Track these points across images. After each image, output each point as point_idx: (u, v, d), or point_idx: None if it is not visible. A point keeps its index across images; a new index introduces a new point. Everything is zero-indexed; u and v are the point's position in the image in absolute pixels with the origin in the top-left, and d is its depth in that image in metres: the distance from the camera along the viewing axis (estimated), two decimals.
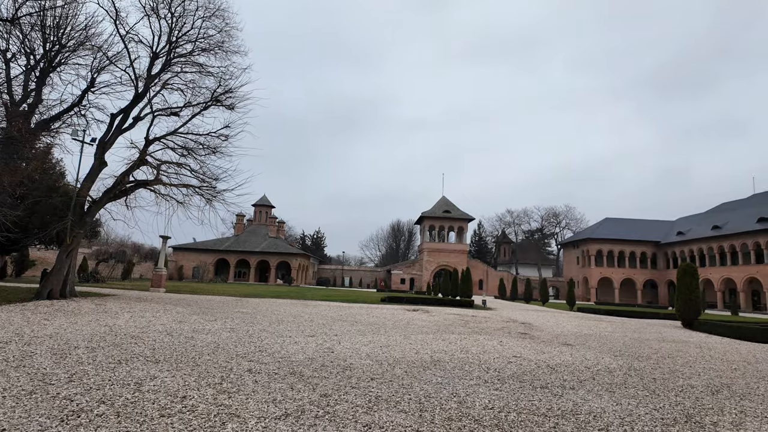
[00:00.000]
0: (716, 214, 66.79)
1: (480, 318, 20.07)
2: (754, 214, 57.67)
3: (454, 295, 38.09)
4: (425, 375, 7.02)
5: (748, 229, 56.16)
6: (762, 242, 54.59)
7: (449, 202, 77.85)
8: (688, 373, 8.57)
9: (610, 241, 72.03)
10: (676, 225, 73.87)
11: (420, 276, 74.35)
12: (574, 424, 4.89)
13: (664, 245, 71.11)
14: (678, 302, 21.37)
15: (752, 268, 55.86)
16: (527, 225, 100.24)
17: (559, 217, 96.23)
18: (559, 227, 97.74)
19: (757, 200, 62.80)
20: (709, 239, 62.19)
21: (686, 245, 66.35)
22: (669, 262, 70.06)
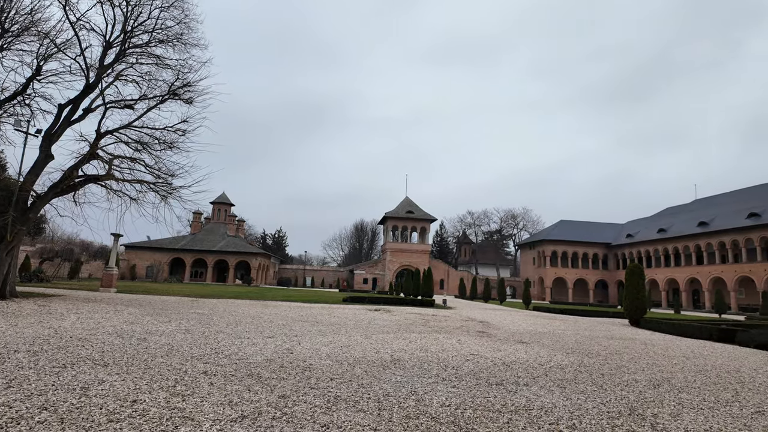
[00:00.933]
0: (662, 218, 70.76)
1: (440, 317, 20.38)
2: (695, 219, 61.51)
3: (415, 295, 38.49)
4: (385, 374, 7.07)
5: (690, 232, 59.86)
6: (702, 245, 58.29)
7: (412, 202, 78.59)
8: (633, 369, 9.05)
9: (564, 242, 74.89)
10: (625, 228, 77.71)
11: (383, 276, 74.63)
12: (526, 419, 5.07)
13: (614, 247, 74.63)
14: (626, 302, 22.51)
15: (693, 269, 59.53)
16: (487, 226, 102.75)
17: (517, 218, 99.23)
18: (516, 229, 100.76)
19: (697, 205, 67.01)
20: (655, 242, 65.82)
21: (634, 247, 69.91)
22: (619, 263, 73.57)
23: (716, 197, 65.89)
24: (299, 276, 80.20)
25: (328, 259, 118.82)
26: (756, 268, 51.27)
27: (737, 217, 54.84)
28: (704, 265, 58.01)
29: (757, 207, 53.52)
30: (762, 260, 51.10)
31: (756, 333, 14.95)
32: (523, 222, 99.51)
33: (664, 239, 64.04)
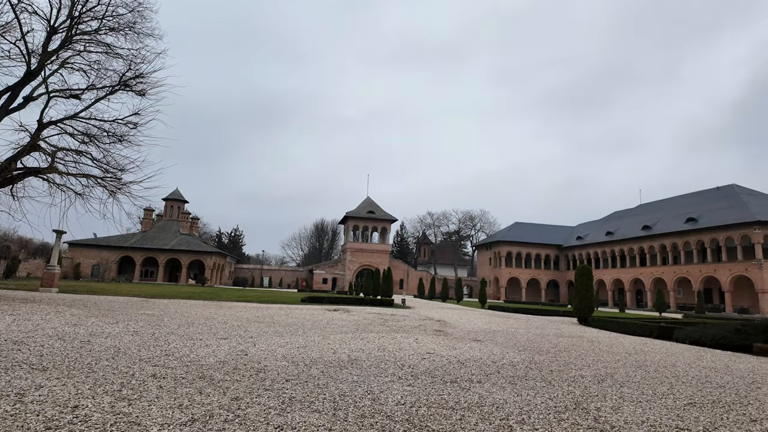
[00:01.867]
0: (609, 222, 74.45)
1: (399, 316, 20.55)
2: (639, 223, 65.13)
3: (375, 295, 38.60)
4: (342, 374, 7.07)
5: (634, 235, 63.32)
6: (645, 247, 61.78)
7: (374, 202, 78.77)
8: (579, 365, 9.49)
9: (518, 243, 77.37)
10: (576, 230, 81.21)
11: (343, 276, 74.34)
12: (478, 415, 5.22)
13: (565, 248, 77.81)
14: (575, 301, 23.53)
15: (637, 270, 62.99)
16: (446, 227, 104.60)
17: (475, 220, 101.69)
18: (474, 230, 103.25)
19: (642, 210, 70.99)
20: (603, 244, 69.17)
21: (584, 249, 73.17)
22: (569, 264, 76.76)
23: (658, 202, 70.05)
24: (256, 276, 78.53)
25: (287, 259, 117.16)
26: (692, 269, 54.90)
27: (677, 221, 58.53)
28: (647, 266, 61.53)
29: (694, 212, 57.32)
30: (698, 262, 54.76)
31: (691, 330, 16.02)
32: (480, 223, 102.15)
33: (611, 241, 67.42)
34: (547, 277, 77.93)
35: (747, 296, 49.55)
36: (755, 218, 47.72)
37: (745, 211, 50.36)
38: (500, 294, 74.57)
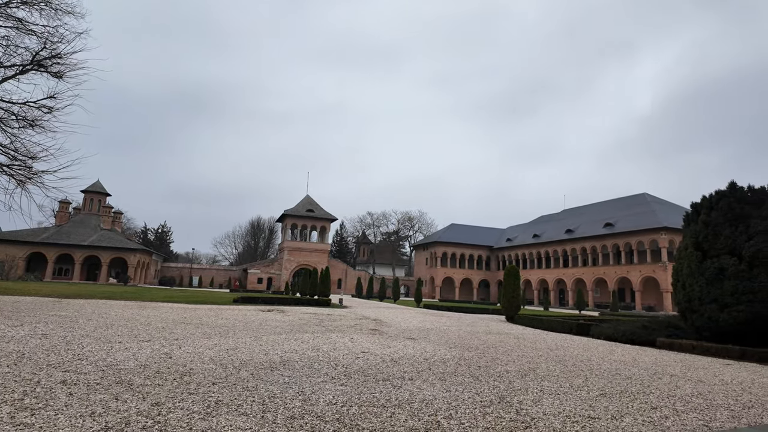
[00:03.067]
0: (537, 225, 78.92)
1: (335, 316, 20.45)
2: (563, 226, 69.62)
3: (312, 295, 38.13)
4: (272, 376, 6.91)
5: (558, 238, 67.63)
6: (568, 249, 66.17)
7: (313, 201, 77.77)
8: (505, 360, 9.97)
9: (454, 244, 79.91)
10: (506, 232, 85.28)
11: (279, 275, 72.68)
12: (408, 411, 5.32)
13: (496, 249, 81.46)
14: (503, 299, 24.70)
15: (560, 271, 67.29)
16: (385, 227, 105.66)
17: (414, 221, 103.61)
18: (413, 230, 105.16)
19: (566, 215, 75.95)
20: (531, 246, 73.22)
21: (513, 250, 77.02)
22: (499, 264, 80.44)
23: (580, 208, 75.34)
24: (185, 275, 74.71)
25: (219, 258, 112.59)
26: (608, 270, 59.62)
27: (596, 226, 63.27)
28: (569, 267, 65.96)
29: (611, 218, 62.27)
30: (613, 264, 59.55)
31: (605, 327, 17.38)
32: (419, 224, 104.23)
33: (538, 244, 71.55)
34: (479, 277, 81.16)
35: (654, 295, 54.67)
36: (662, 224, 52.79)
37: (653, 218, 55.53)
38: (435, 293, 76.55)
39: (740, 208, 13.92)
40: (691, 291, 14.42)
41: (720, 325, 13.56)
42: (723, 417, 6.00)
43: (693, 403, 6.71)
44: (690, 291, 14.50)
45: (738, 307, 13.01)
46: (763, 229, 13.08)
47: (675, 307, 16.51)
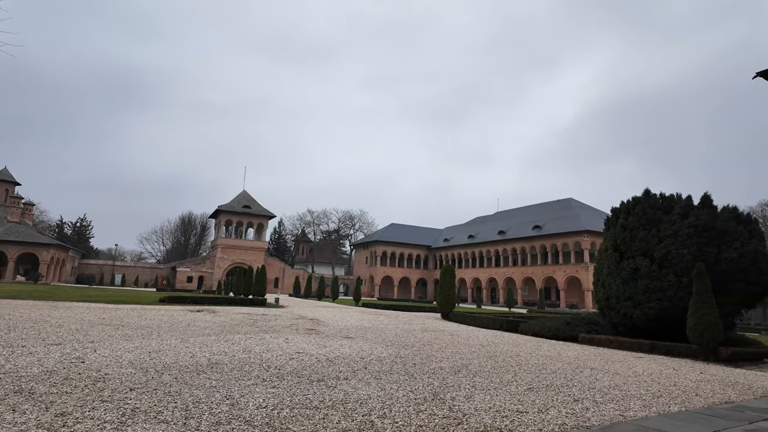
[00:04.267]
0: (472, 226, 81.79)
1: (270, 316, 19.86)
2: (496, 228, 72.68)
3: (246, 294, 36.84)
4: (198, 380, 6.51)
5: (492, 239, 70.53)
6: (500, 250, 69.17)
7: (250, 197, 75.22)
8: (439, 357, 10.14)
9: (393, 243, 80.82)
10: (443, 233, 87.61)
11: (211, 274, 69.58)
12: (342, 412, 5.20)
13: (434, 249, 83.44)
14: (439, 298, 25.28)
15: (493, 270, 70.21)
16: (326, 225, 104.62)
17: (355, 220, 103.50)
18: (353, 229, 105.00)
19: (499, 217, 79.35)
20: (466, 246, 75.74)
21: (450, 250, 79.28)
22: (437, 264, 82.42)
23: (511, 211, 79.07)
24: (106, 273, 69.46)
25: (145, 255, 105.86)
26: (536, 270, 63.03)
27: (526, 228, 66.67)
28: (501, 266, 68.99)
29: (539, 221, 65.89)
30: (541, 264, 63.04)
31: (533, 323, 18.29)
32: (359, 223, 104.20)
33: (473, 244, 74.16)
34: (417, 276, 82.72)
35: (577, 294, 58.58)
36: (585, 228, 56.71)
37: (578, 222, 59.51)
38: (375, 292, 76.96)
39: (653, 213, 15.20)
40: (610, 290, 15.54)
41: (634, 321, 14.72)
42: (636, 407, 6.47)
43: (610, 395, 7.17)
44: (608, 290, 15.61)
45: (649, 305, 14.19)
46: (672, 233, 14.36)
47: (595, 305, 17.71)
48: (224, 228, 71.83)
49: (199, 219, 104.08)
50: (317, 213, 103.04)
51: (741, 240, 14.06)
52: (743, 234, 14.26)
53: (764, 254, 14.56)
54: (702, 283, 12.32)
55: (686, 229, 14.10)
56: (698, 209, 14.64)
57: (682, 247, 13.94)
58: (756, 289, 14.15)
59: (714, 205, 15.00)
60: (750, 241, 14.21)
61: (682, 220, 14.40)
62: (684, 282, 13.49)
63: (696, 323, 12.20)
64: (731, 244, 13.91)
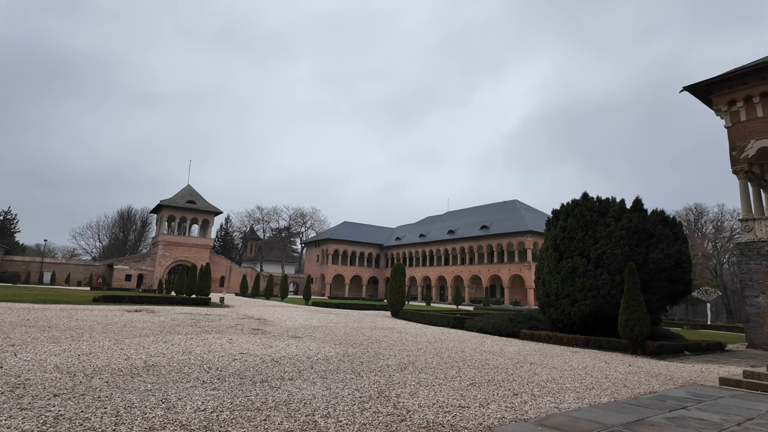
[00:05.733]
0: (423, 225, 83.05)
1: (214, 316, 19.19)
2: (446, 227, 74.24)
3: (189, 293, 35.35)
4: (132, 383, 6.16)
5: (441, 238, 71.97)
6: (449, 249, 70.72)
7: (195, 192, 72.22)
8: (387, 355, 10.20)
9: (346, 242, 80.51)
10: (395, 231, 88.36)
11: (151, 272, 66.18)
12: (284, 413, 5.10)
13: (386, 248, 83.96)
14: (389, 296, 25.47)
15: (442, 269, 71.65)
16: (276, 223, 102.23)
17: (306, 217, 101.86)
18: (305, 227, 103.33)
19: (448, 217, 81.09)
20: (417, 245, 76.80)
21: (401, 248, 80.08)
22: (388, 262, 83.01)
23: (461, 211, 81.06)
24: (34, 270, 64.32)
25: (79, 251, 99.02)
26: (483, 268, 65.00)
27: (474, 228, 68.59)
28: (450, 265, 70.55)
29: (486, 221, 67.99)
30: (487, 263, 65.08)
31: (478, 320, 18.84)
32: (311, 221, 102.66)
33: (423, 243, 75.31)
34: (369, 274, 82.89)
35: (520, 291, 60.98)
36: (528, 228, 59.14)
37: (521, 223, 61.95)
38: (325, 290, 76.28)
39: (590, 215, 16.09)
40: (549, 287, 16.30)
41: (571, 317, 15.52)
42: (570, 399, 6.81)
43: (547, 388, 7.51)
44: (548, 287, 16.36)
45: (585, 302, 15.01)
46: (606, 235, 15.26)
47: (537, 302, 18.50)
48: (167, 224, 68.55)
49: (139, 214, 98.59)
50: (267, 210, 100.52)
51: (667, 242, 15.19)
52: (669, 236, 15.42)
53: (687, 255, 15.84)
54: (632, 282, 13.19)
55: (619, 231, 15.04)
56: (630, 212, 15.65)
57: (616, 248, 14.85)
58: (679, 287, 15.35)
59: (644, 209, 16.10)
60: (675, 243, 15.40)
61: (616, 223, 15.34)
62: (617, 280, 14.38)
63: (627, 319, 13.04)
64: (658, 245, 14.99)
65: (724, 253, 68.49)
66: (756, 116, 18.22)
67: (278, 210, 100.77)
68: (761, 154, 18.22)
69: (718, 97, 19.20)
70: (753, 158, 18.24)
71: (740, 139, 18.54)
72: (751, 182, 19.04)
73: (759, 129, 18.10)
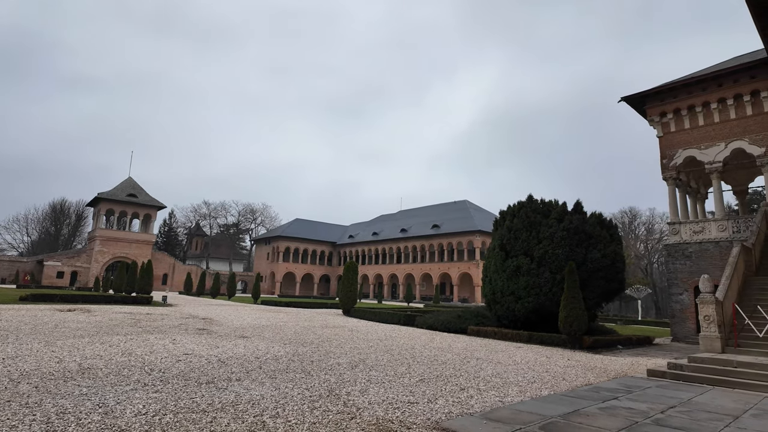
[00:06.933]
0: (376, 223, 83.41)
1: (156, 316, 18.35)
2: (399, 226, 75.01)
3: (129, 292, 33.55)
4: (66, 387, 5.79)
5: (394, 236, 72.66)
6: (401, 247, 71.53)
7: (137, 185, 68.54)
8: (338, 353, 10.20)
9: (298, 239, 79.37)
10: (348, 229, 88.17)
11: (87, 269, 62.19)
12: (232, 414, 4.99)
13: (339, 245, 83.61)
14: (341, 294, 25.41)
15: (394, 267, 72.34)
16: (224, 219, 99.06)
17: (256, 213, 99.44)
18: (255, 224, 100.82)
19: (401, 215, 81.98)
20: (370, 243, 77.06)
21: (355, 246, 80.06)
22: (341, 260, 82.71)
23: (414, 210, 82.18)
24: None
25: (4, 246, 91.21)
26: (433, 266, 66.28)
27: (425, 227, 69.77)
28: (402, 263, 71.37)
29: (437, 220, 69.37)
30: (438, 261, 66.42)
31: (428, 317, 19.20)
32: (261, 217, 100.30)
33: (376, 241, 75.68)
34: (321, 272, 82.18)
35: (468, 289, 62.74)
36: (477, 228, 60.98)
37: (471, 222, 63.77)
38: (276, 289, 74.83)
39: (534, 216, 16.82)
40: (496, 285, 16.90)
41: (515, 314, 16.18)
42: (513, 392, 7.12)
43: (492, 383, 7.81)
44: (495, 285, 16.96)
45: (528, 299, 15.70)
46: (549, 236, 16.03)
47: (484, 299, 19.12)
48: (105, 218, 64.63)
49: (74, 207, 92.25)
50: (215, 205, 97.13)
51: (604, 243, 16.17)
52: (606, 237, 16.42)
53: (621, 255, 16.95)
54: (572, 280, 13.94)
55: (561, 232, 15.84)
56: (571, 215, 16.52)
57: (557, 248, 15.63)
58: (614, 285, 16.40)
59: (584, 211, 17.05)
60: (611, 244, 16.42)
61: (558, 224, 16.14)
62: (558, 279, 15.14)
63: (566, 315, 13.77)
64: (596, 246, 15.94)
65: (654, 253, 73.80)
66: (684, 127, 19.76)
67: (226, 205, 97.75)
68: (688, 163, 19.78)
69: (651, 108, 20.65)
70: (681, 166, 19.77)
71: (670, 148, 20.04)
72: (679, 188, 20.63)
73: (686, 139, 19.65)
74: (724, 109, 18.77)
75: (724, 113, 18.78)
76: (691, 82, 19.35)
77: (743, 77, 18.18)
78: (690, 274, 18.11)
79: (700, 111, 19.28)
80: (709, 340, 10.47)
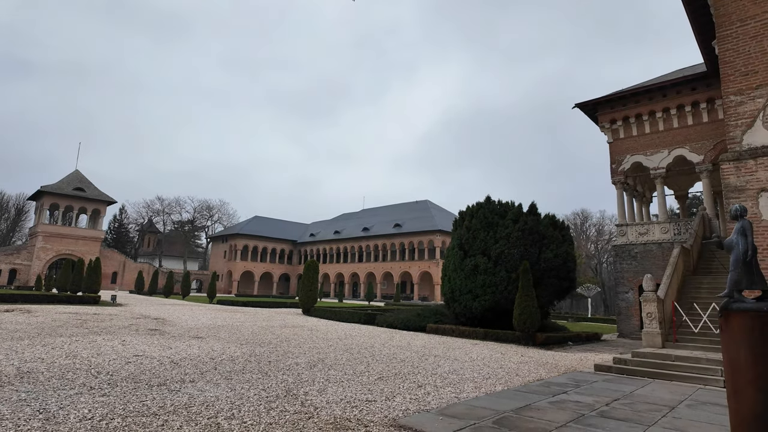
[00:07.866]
0: (338, 222, 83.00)
1: (104, 316, 17.51)
2: (361, 225, 74.99)
3: (75, 291, 31.79)
4: (2, 393, 5.45)
5: (356, 235, 72.59)
6: (363, 246, 71.58)
7: (85, 178, 64.96)
8: (297, 353, 10.10)
9: (256, 237, 77.76)
10: (310, 228, 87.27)
11: (28, 266, 58.43)
12: (185, 417, 4.86)
13: (299, 244, 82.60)
14: (301, 293, 25.14)
15: (356, 266, 72.27)
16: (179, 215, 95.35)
17: (213, 210, 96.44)
18: (211, 221, 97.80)
19: (364, 214, 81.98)
20: (332, 241, 76.61)
21: (316, 245, 79.34)
22: (302, 259, 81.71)
23: (376, 209, 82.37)
24: None
25: None
26: (395, 265, 66.72)
27: (387, 226, 70.10)
28: (363, 262, 71.40)
29: (399, 219, 69.87)
30: (399, 260, 66.92)
31: (388, 315, 19.33)
32: (218, 214, 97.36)
33: (338, 240, 75.31)
34: (280, 271, 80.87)
35: (428, 287, 63.60)
36: (437, 228, 61.93)
37: (431, 222, 64.69)
38: (233, 288, 73.00)
39: (492, 217, 17.28)
40: (454, 283, 17.24)
41: (473, 311, 16.57)
42: (469, 389, 7.30)
43: (449, 379, 7.97)
44: (453, 283, 17.30)
45: (485, 297, 16.12)
46: (505, 236, 16.51)
47: (443, 298, 19.45)
48: (48, 213, 60.94)
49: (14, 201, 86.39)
50: (168, 201, 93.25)
51: (556, 243, 16.82)
52: (558, 238, 17.08)
53: (573, 255, 17.69)
54: (526, 279, 14.43)
55: (516, 233, 16.35)
56: (526, 216, 17.08)
57: (513, 248, 16.13)
58: (566, 284, 17.09)
59: (538, 213, 17.66)
60: (563, 244, 17.10)
61: (514, 225, 16.65)
62: (513, 278, 15.62)
63: (520, 313, 14.24)
64: (549, 246, 16.55)
65: (603, 253, 77.44)
66: (632, 134, 20.86)
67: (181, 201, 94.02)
68: (635, 168, 20.90)
69: (603, 115, 21.67)
70: (628, 171, 20.86)
71: (619, 153, 21.10)
72: (627, 192, 21.75)
73: (633, 146, 20.75)
74: (668, 118, 19.96)
75: (668, 122, 19.98)
76: (639, 91, 20.44)
77: (685, 89, 19.39)
78: (635, 273, 19.14)
79: (646, 119, 20.41)
80: (650, 336, 11.11)
